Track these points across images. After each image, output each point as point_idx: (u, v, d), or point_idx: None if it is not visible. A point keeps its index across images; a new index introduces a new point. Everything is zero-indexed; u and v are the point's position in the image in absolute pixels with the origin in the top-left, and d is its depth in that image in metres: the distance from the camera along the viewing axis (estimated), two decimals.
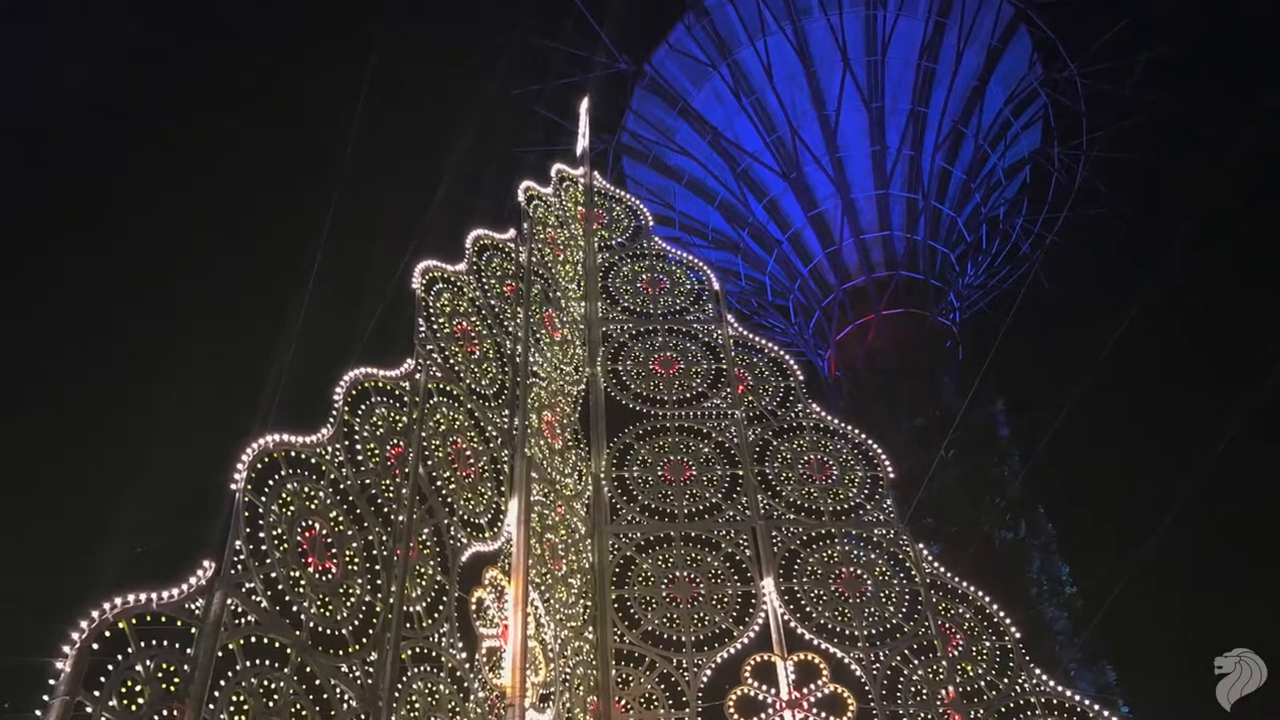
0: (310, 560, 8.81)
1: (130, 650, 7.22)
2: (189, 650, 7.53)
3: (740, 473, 13.85)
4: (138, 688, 7.07)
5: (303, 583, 8.63)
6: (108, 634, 7.21)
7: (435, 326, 12.04)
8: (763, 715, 11.77)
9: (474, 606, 10.51)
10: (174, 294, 39.39)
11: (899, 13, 39.97)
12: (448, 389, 11.66)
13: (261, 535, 8.50)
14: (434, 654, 9.74)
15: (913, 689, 12.04)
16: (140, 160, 41.52)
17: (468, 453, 11.44)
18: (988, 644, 12.58)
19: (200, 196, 42.19)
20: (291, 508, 8.90)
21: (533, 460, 12.23)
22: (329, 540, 9.08)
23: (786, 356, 15.64)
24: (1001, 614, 12.76)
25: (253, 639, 8.07)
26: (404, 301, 12.23)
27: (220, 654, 7.74)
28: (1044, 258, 41.04)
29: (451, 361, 12.01)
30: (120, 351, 37.14)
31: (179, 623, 7.64)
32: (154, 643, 7.38)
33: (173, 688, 7.27)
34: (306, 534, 8.91)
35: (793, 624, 12.34)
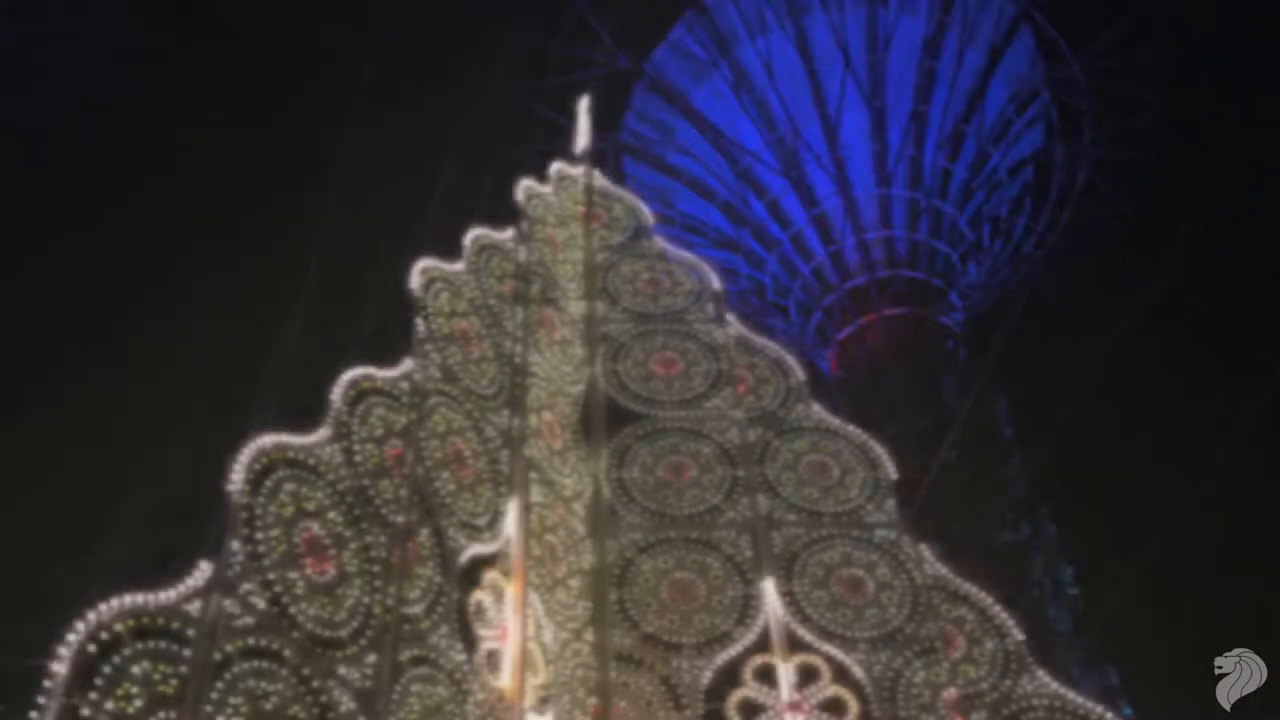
0: (308, 562, 8.77)
1: (127, 652, 7.18)
2: (186, 652, 7.49)
3: (741, 473, 13.79)
4: (134, 690, 7.04)
5: (300, 585, 8.58)
6: (104, 636, 7.17)
7: (434, 326, 11.98)
8: (764, 717, 11.72)
9: (473, 608, 10.46)
10: (174, 294, 39.43)
11: (900, 11, 39.88)
12: (446, 389, 11.60)
13: (259, 537, 8.47)
14: (433, 656, 9.69)
15: (914, 691, 11.98)
16: (140, 160, 41.54)
17: (466, 454, 11.38)
18: (990, 646, 12.51)
19: (200, 196, 42.22)
20: (289, 509, 8.87)
21: (532, 461, 12.17)
22: (327, 542, 9.04)
23: (787, 356, 15.57)
24: (1004, 615, 12.71)
25: (250, 641, 8.02)
26: (403, 301, 12.19)
27: (217, 656, 7.69)
28: (1046, 257, 40.98)
29: (450, 362, 11.95)
30: (120, 352, 37.16)
31: (176, 625, 7.60)
32: (150, 645, 7.34)
33: (169, 690, 7.24)
34: (304, 535, 8.87)
35: (793, 626, 12.29)
